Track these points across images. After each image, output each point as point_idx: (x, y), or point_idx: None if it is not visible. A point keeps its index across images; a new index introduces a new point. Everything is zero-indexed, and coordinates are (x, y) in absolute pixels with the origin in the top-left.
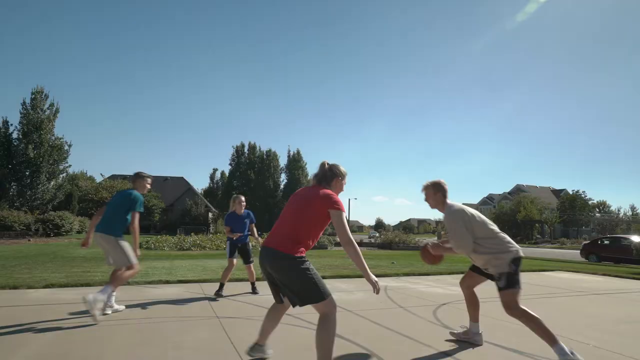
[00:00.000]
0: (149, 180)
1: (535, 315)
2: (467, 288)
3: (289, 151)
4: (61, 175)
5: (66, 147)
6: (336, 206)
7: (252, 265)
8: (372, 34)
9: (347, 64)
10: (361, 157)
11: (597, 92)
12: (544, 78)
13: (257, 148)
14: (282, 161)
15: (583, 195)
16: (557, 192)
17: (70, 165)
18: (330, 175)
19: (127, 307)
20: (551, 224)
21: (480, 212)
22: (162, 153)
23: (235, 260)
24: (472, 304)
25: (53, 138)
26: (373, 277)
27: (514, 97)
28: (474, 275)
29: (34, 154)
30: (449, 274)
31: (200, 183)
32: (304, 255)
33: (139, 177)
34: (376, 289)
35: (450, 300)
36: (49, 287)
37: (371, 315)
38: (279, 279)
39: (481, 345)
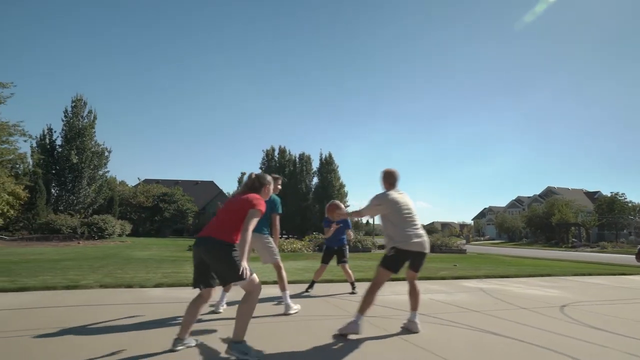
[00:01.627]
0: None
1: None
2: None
3: (321, 154)
4: (100, 180)
5: (106, 154)
6: (251, 205)
7: (346, 265)
8: (392, 37)
9: (365, 65)
10: (378, 159)
11: (622, 92)
12: (571, 77)
13: (287, 152)
14: (314, 164)
15: (622, 198)
16: (590, 195)
17: (108, 171)
18: (258, 185)
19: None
20: (590, 227)
21: (509, 214)
22: (188, 156)
23: (326, 266)
24: (412, 294)
25: (94, 144)
26: (245, 263)
27: (538, 98)
28: (409, 271)
29: (77, 160)
30: (529, 276)
31: (227, 186)
32: (233, 243)
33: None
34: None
35: (569, 302)
36: (158, 286)
37: (505, 315)
38: (209, 260)
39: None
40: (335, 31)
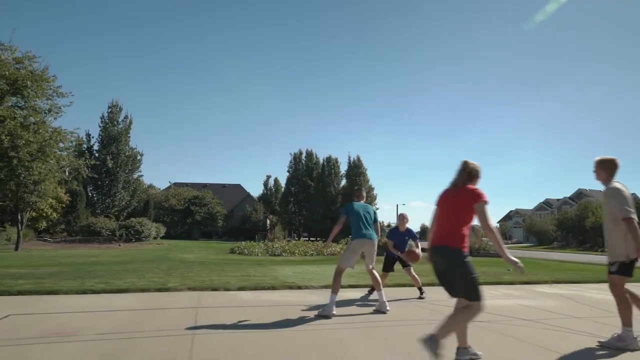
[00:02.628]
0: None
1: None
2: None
3: (349, 157)
4: (134, 184)
5: (139, 157)
6: (476, 200)
7: (411, 268)
8: (411, 42)
9: (386, 67)
10: (395, 161)
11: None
12: (592, 76)
13: (314, 155)
14: (342, 167)
15: None
16: None
17: (142, 175)
18: (473, 175)
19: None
20: None
21: (538, 217)
22: (215, 159)
23: (387, 274)
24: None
25: (128, 148)
26: (512, 257)
27: (558, 97)
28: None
29: (112, 164)
30: (598, 282)
31: (253, 190)
32: (466, 250)
33: (364, 191)
34: (519, 267)
35: None
36: (242, 289)
37: (612, 322)
38: (447, 270)
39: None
40: (361, 34)
